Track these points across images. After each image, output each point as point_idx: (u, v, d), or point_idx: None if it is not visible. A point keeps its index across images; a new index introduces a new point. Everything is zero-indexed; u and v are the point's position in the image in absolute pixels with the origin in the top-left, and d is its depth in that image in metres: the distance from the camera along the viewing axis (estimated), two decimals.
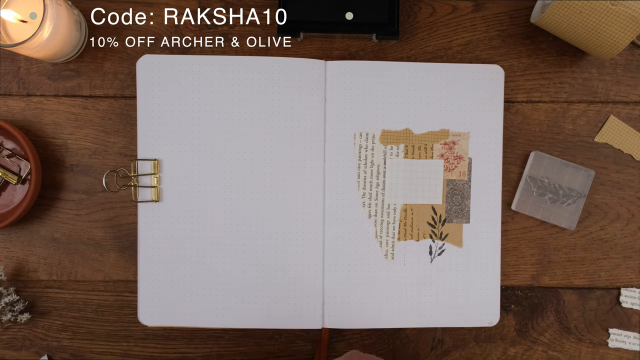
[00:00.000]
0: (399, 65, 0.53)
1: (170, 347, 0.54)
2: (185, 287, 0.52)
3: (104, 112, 0.54)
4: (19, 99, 0.54)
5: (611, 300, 0.55)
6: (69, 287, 0.54)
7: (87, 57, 0.54)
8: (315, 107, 0.53)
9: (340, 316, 0.53)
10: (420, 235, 0.53)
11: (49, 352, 0.54)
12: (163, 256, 0.52)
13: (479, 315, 0.53)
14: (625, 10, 0.45)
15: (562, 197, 0.54)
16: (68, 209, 0.54)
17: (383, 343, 0.55)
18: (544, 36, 0.54)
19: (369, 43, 0.54)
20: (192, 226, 0.53)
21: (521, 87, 0.54)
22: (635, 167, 0.55)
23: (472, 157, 0.53)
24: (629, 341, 0.54)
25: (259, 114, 0.52)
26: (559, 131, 0.55)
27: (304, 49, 0.54)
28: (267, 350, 0.54)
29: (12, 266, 0.54)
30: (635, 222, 0.55)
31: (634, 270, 0.55)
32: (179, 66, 0.52)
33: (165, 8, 0.54)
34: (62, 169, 0.54)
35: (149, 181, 0.52)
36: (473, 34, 0.54)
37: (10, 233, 0.54)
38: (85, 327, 0.54)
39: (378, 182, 0.53)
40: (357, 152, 0.53)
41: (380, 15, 0.52)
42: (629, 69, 0.55)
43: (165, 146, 0.52)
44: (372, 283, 0.53)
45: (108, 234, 0.54)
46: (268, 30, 0.54)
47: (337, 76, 0.53)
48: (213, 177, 0.53)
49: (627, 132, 0.54)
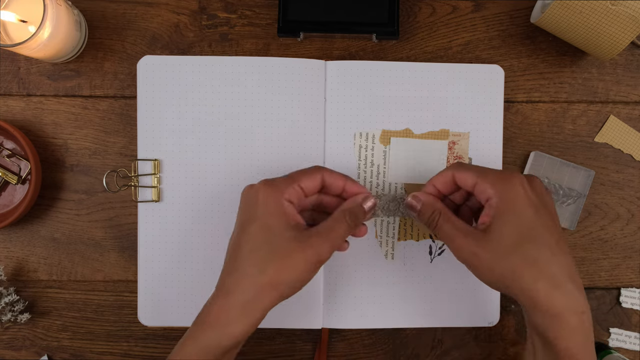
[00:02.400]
0: (399, 65, 0.53)
1: (170, 347, 0.54)
2: (186, 287, 0.52)
3: (104, 112, 0.54)
4: (19, 99, 0.54)
5: (611, 300, 0.55)
6: (69, 287, 0.54)
7: (87, 57, 0.54)
8: (315, 107, 0.53)
9: (340, 316, 0.53)
10: (420, 235, 0.53)
11: (49, 352, 0.54)
12: (163, 256, 0.53)
13: (479, 315, 0.53)
14: (625, 10, 0.45)
15: (562, 197, 0.54)
16: (68, 209, 0.54)
17: (383, 343, 0.55)
18: (544, 36, 0.54)
19: (369, 43, 0.54)
20: (192, 226, 0.53)
21: (521, 87, 0.54)
22: (635, 167, 0.55)
23: (472, 157, 0.53)
24: (629, 341, 0.54)
25: (259, 114, 0.52)
26: (559, 131, 0.55)
27: (304, 49, 0.54)
28: (267, 350, 0.54)
29: (12, 266, 0.54)
30: (635, 222, 0.55)
31: (634, 270, 0.55)
32: (179, 66, 0.52)
33: (165, 8, 0.54)
34: (62, 169, 0.54)
35: (149, 181, 0.52)
36: (473, 34, 0.54)
37: (10, 233, 0.54)
38: (85, 327, 0.54)
39: (378, 182, 0.53)
40: (357, 152, 0.53)
41: (380, 15, 0.52)
42: (629, 69, 0.55)
43: (165, 146, 0.52)
44: (372, 283, 0.53)
45: (108, 234, 0.54)
46: (268, 30, 0.54)
47: (337, 76, 0.53)
48: (213, 177, 0.53)
49: (627, 132, 0.54)
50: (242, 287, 0.40)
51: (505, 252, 0.39)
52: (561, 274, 0.39)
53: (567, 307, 0.38)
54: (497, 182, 0.41)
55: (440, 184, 0.45)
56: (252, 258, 0.40)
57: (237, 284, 0.40)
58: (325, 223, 0.43)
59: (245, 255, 0.41)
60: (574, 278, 0.39)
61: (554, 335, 0.39)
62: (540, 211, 0.40)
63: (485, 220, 0.41)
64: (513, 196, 0.40)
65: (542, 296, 0.38)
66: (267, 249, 0.40)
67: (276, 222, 0.41)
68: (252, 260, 0.40)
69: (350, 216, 0.43)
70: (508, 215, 0.40)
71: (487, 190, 0.41)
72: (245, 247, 0.41)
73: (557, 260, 0.39)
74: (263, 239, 0.41)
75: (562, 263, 0.39)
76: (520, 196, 0.40)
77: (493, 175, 0.42)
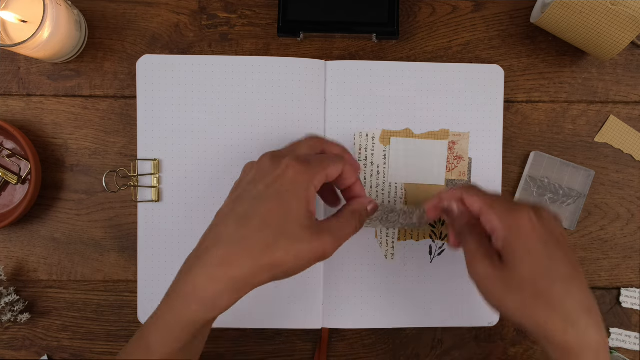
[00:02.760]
0: (399, 65, 0.53)
1: None
2: None
3: (104, 112, 0.54)
4: (19, 99, 0.54)
5: (611, 300, 0.55)
6: (69, 287, 0.54)
7: (87, 57, 0.54)
8: (315, 107, 0.53)
9: (340, 316, 0.53)
10: (420, 235, 0.53)
11: (49, 352, 0.54)
12: (163, 256, 0.52)
13: (479, 315, 0.53)
14: (625, 10, 0.45)
15: (562, 197, 0.54)
16: (68, 209, 0.54)
17: (383, 343, 0.55)
18: (544, 36, 0.54)
19: (369, 43, 0.54)
20: (192, 226, 0.53)
21: (521, 87, 0.54)
22: (635, 167, 0.55)
23: (472, 157, 0.53)
24: (629, 341, 0.54)
25: (259, 114, 0.52)
26: (559, 131, 0.55)
27: (304, 49, 0.54)
28: (267, 350, 0.54)
29: (12, 266, 0.54)
30: (635, 222, 0.55)
31: (634, 270, 0.55)
32: (179, 66, 0.52)
33: (165, 8, 0.54)
34: (62, 169, 0.54)
35: (149, 181, 0.52)
36: (473, 34, 0.54)
37: (10, 233, 0.54)
38: (85, 327, 0.54)
39: (378, 182, 0.53)
40: (357, 152, 0.53)
41: (380, 15, 0.52)
42: (629, 69, 0.55)
43: (165, 146, 0.52)
44: (372, 283, 0.53)
45: (108, 234, 0.54)
46: (268, 30, 0.54)
47: (337, 76, 0.53)
48: (213, 177, 0.53)
49: (627, 132, 0.54)
50: (241, 262, 0.37)
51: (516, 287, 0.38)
52: (576, 310, 0.38)
53: (582, 343, 0.37)
54: (504, 215, 0.40)
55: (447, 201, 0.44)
56: (261, 234, 0.37)
57: (234, 257, 0.37)
58: (336, 222, 0.41)
59: (254, 229, 0.37)
60: (590, 312, 0.38)
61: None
62: (549, 245, 0.39)
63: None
64: (520, 231, 0.39)
65: (557, 333, 0.37)
66: (279, 230, 0.37)
67: (297, 206, 0.38)
68: (260, 237, 0.37)
69: (360, 219, 0.43)
70: (517, 249, 0.39)
71: (494, 221, 0.40)
72: (254, 220, 0.38)
73: (572, 295, 0.38)
74: (279, 217, 0.38)
75: (577, 298, 0.38)
76: (528, 230, 0.39)
77: (500, 206, 0.41)
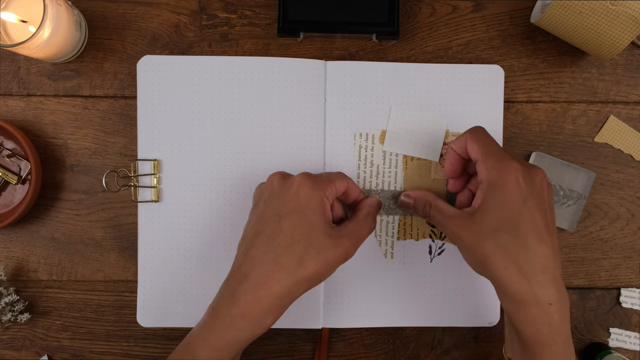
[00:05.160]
0: (399, 65, 0.53)
1: (170, 347, 0.54)
2: (185, 287, 0.52)
3: (104, 112, 0.54)
4: (19, 99, 0.54)
5: (611, 300, 0.55)
6: (69, 287, 0.54)
7: (87, 57, 0.54)
8: (315, 107, 0.53)
9: (340, 316, 0.53)
10: (419, 235, 0.53)
11: (49, 352, 0.54)
12: (163, 256, 0.52)
13: (479, 315, 0.53)
14: (625, 10, 0.45)
15: (562, 198, 0.54)
16: (68, 209, 0.54)
17: (383, 343, 0.55)
18: (544, 36, 0.54)
19: (369, 43, 0.54)
20: (192, 226, 0.53)
21: (521, 87, 0.54)
22: (635, 167, 0.55)
23: None
24: (629, 341, 0.54)
25: (259, 114, 0.52)
26: (559, 131, 0.55)
27: (304, 49, 0.54)
28: (267, 350, 0.54)
29: (12, 266, 0.54)
30: (635, 222, 0.55)
31: (634, 270, 0.55)
32: (179, 66, 0.52)
33: (165, 8, 0.54)
34: (62, 169, 0.54)
35: (149, 181, 0.52)
36: (473, 34, 0.54)
37: (10, 233, 0.54)
38: (85, 327, 0.54)
39: (378, 182, 0.53)
40: (357, 152, 0.53)
41: (380, 15, 0.52)
42: (629, 69, 0.55)
43: (165, 146, 0.52)
44: (372, 283, 0.53)
45: (108, 234, 0.54)
46: (268, 30, 0.54)
47: (337, 76, 0.53)
48: (213, 177, 0.53)
49: (627, 132, 0.54)
50: (279, 280, 0.40)
51: (482, 236, 0.40)
52: (533, 264, 0.39)
53: (532, 296, 0.39)
54: (494, 167, 0.41)
55: (458, 148, 0.46)
56: (292, 250, 0.40)
57: (271, 276, 0.40)
58: (353, 224, 0.45)
59: (284, 246, 0.41)
60: (548, 270, 0.39)
61: (518, 321, 0.40)
62: (528, 202, 0.40)
63: (476, 203, 0.42)
64: (504, 183, 0.40)
65: (509, 283, 0.39)
66: (306, 243, 0.41)
67: (316, 218, 0.42)
68: (291, 253, 0.40)
69: (373, 218, 0.46)
70: (494, 201, 0.41)
71: (482, 173, 0.42)
72: (281, 239, 0.41)
73: (533, 250, 0.39)
74: (302, 232, 0.41)
75: (537, 253, 0.39)
76: (511, 184, 0.40)
77: (494, 158, 0.42)
